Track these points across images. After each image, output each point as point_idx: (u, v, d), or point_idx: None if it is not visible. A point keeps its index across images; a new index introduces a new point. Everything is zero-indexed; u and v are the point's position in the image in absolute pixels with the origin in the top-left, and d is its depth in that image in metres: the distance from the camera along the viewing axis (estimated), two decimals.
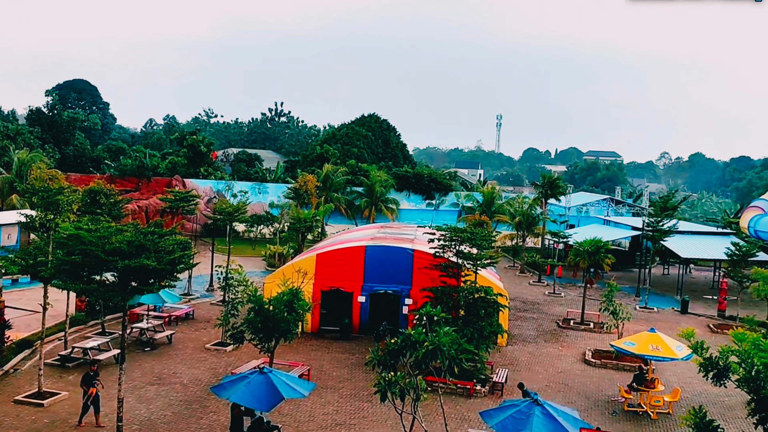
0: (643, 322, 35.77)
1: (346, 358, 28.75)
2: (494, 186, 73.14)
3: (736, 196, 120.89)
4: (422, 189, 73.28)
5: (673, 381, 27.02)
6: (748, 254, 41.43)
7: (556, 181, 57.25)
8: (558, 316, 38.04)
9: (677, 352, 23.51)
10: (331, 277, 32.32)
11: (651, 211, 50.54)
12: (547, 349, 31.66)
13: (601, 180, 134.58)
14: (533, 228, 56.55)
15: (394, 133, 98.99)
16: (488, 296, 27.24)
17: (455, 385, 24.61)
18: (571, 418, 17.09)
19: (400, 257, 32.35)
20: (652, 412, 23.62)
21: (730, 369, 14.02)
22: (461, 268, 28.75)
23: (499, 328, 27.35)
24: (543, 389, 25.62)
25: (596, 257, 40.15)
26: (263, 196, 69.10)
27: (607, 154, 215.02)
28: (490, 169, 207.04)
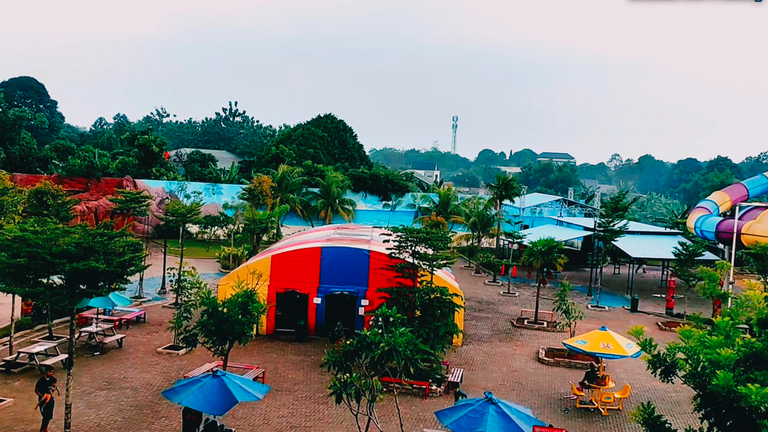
0: (594, 321, 36.47)
1: (302, 360, 28.56)
2: (450, 187, 73.78)
3: (683, 197, 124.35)
4: (379, 190, 73.38)
5: (623, 378, 27.61)
6: (695, 253, 42.61)
7: (511, 182, 57.99)
8: (512, 316, 38.49)
9: (627, 350, 24.02)
10: (287, 279, 32.07)
11: (602, 211, 51.61)
12: (501, 348, 32.00)
13: (555, 181, 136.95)
14: (488, 228, 57.14)
15: (350, 133, 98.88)
16: (444, 296, 27.39)
17: (411, 386, 24.66)
18: (524, 416, 17.30)
19: (357, 258, 32.29)
20: (603, 409, 24.09)
21: (677, 365, 14.32)
22: (417, 268, 28.83)
23: (454, 328, 27.51)
24: (497, 388, 25.90)
25: (549, 257, 40.82)
26: (217, 197, 68.25)
27: (560, 156, 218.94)
28: (447, 170, 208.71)
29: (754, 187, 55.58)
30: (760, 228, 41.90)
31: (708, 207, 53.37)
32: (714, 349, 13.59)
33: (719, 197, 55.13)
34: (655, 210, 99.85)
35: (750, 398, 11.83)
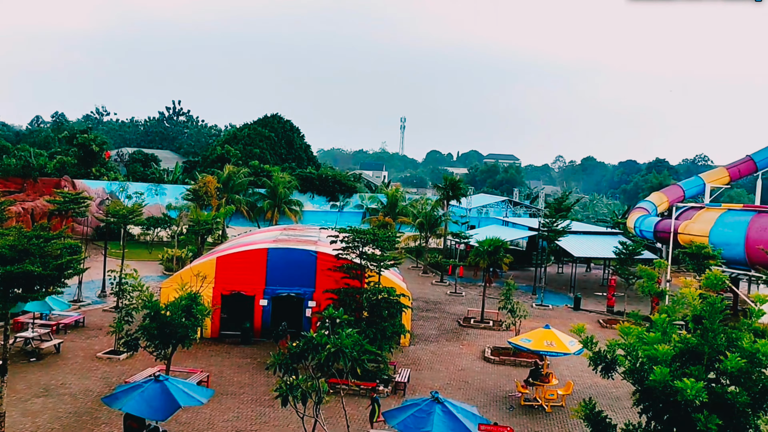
0: (539, 319, 37.13)
1: (248, 362, 28.18)
2: (398, 188, 74.00)
3: (623, 197, 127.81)
4: (326, 191, 73.10)
5: (566, 375, 28.18)
6: (634, 252, 43.83)
7: (458, 183, 58.56)
8: (459, 315, 38.86)
9: (570, 347, 24.52)
10: (232, 281, 31.62)
11: (546, 212, 52.55)
12: (448, 347, 32.25)
13: (501, 182, 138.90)
14: (436, 229, 57.57)
15: (297, 134, 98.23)
16: (391, 297, 27.45)
17: (358, 386, 24.62)
18: (470, 414, 17.47)
19: (304, 259, 32.08)
20: (547, 406, 24.54)
21: (617, 362, 14.68)
22: (365, 269, 28.84)
23: (401, 329, 27.59)
24: (444, 387, 26.09)
25: (495, 257, 41.27)
26: (160, 197, 66.83)
27: (506, 157, 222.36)
28: (395, 170, 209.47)
29: (690, 188, 57.56)
30: (696, 227, 43.40)
31: (647, 207, 55.02)
32: (652, 346, 13.96)
33: (657, 198, 56.91)
34: (597, 210, 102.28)
35: (685, 392, 12.20)
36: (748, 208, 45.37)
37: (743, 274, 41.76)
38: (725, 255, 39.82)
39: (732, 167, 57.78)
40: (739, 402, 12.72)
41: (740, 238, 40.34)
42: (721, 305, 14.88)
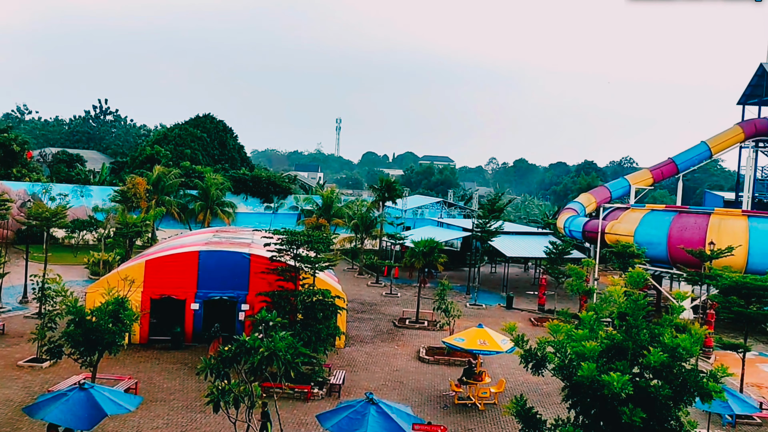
0: (472, 319, 37.61)
1: (178, 368, 27.49)
2: (333, 189, 73.68)
3: (554, 198, 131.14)
4: (260, 192, 72.17)
5: (498, 373, 28.64)
6: (564, 252, 45.03)
7: (393, 184, 58.79)
8: (394, 316, 38.99)
9: (502, 346, 24.94)
10: (162, 285, 30.79)
11: (480, 213, 53.38)
12: (383, 348, 32.31)
13: (436, 183, 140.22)
14: (371, 230, 57.64)
15: (231, 134, 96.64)
16: (326, 299, 27.30)
17: (292, 390, 24.36)
18: (404, 414, 17.51)
19: (236, 262, 31.54)
20: (480, 404, 24.88)
21: (547, 359, 15.00)
22: (299, 271, 28.58)
23: (336, 330, 27.47)
24: (379, 388, 26.11)
25: (430, 258, 41.72)
26: (86, 199, 64.51)
27: (441, 159, 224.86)
28: (330, 172, 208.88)
29: (616, 189, 59.57)
30: (622, 227, 44.88)
31: (576, 208, 56.59)
32: (580, 342, 14.32)
33: (586, 199, 58.63)
34: (528, 211, 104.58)
35: (612, 385, 12.54)
36: (670, 208, 47.22)
37: (666, 271, 43.43)
38: (649, 254, 41.33)
39: (655, 169, 60.10)
40: (661, 395, 13.17)
41: (663, 237, 41.93)
42: (644, 302, 15.40)
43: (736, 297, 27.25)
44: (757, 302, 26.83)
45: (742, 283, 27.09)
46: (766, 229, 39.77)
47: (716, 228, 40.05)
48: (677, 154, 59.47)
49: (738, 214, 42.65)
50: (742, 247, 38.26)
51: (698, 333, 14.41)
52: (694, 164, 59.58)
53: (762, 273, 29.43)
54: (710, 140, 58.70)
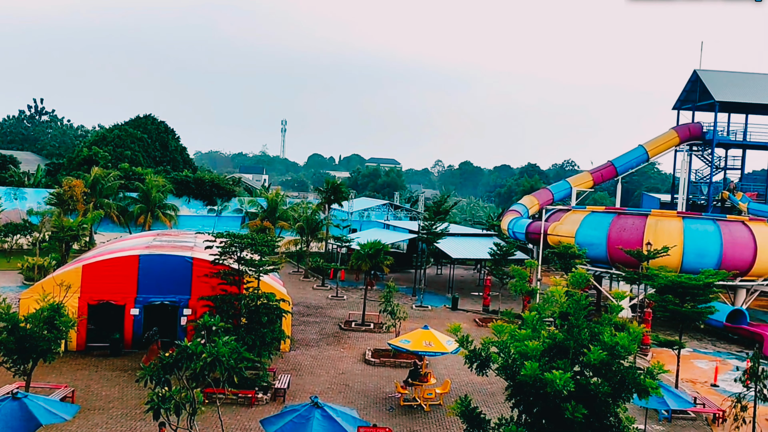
0: (418, 320, 37.77)
1: (117, 375, 26.70)
2: (278, 191, 73.00)
3: (498, 200, 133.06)
4: (203, 194, 70.94)
5: (444, 374, 28.81)
6: (508, 253, 45.68)
7: (340, 186, 58.59)
8: (340, 319, 38.83)
9: (447, 347, 25.09)
10: (100, 290, 29.86)
11: (426, 215, 53.68)
12: (329, 351, 32.12)
13: (382, 186, 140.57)
14: (317, 233, 57.30)
15: (172, 135, 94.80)
16: (271, 302, 26.91)
17: (236, 395, 23.95)
18: (349, 417, 17.42)
19: (178, 266, 30.86)
20: (425, 405, 24.97)
21: (491, 359, 15.16)
22: (243, 275, 28.15)
23: (281, 334, 27.11)
24: (325, 391, 25.93)
25: (376, 260, 41.66)
26: (20, 202, 62.23)
27: (387, 161, 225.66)
28: (276, 174, 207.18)
29: (558, 192, 60.85)
30: (564, 229, 45.83)
31: (519, 210, 57.53)
32: (523, 342, 14.52)
33: (529, 201, 59.68)
34: (474, 213, 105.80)
35: (554, 384, 12.76)
36: (609, 210, 48.48)
37: (606, 272, 44.52)
38: (590, 254, 42.32)
39: (595, 172, 61.66)
40: (601, 392, 13.47)
41: (602, 238, 43.00)
42: (586, 302, 15.73)
43: (671, 296, 28.15)
44: (691, 300, 27.76)
45: (677, 283, 28.00)
46: (699, 229, 41.24)
47: (653, 229, 41.31)
48: (616, 158, 61.14)
49: (673, 215, 44.12)
50: (677, 247, 39.57)
51: (636, 331, 14.80)
52: (632, 167, 61.39)
53: (696, 272, 30.48)
54: (647, 144, 60.57)
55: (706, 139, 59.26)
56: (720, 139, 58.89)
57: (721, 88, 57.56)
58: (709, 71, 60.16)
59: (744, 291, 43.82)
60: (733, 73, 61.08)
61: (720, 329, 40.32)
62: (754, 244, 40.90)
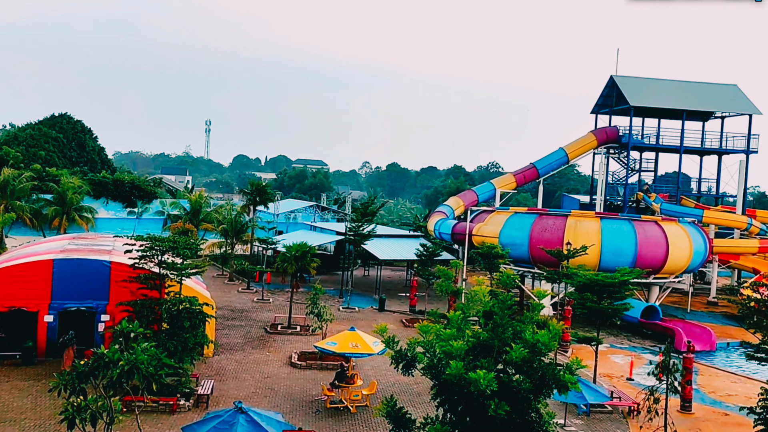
0: (345, 322, 37.66)
1: (30, 385, 25.45)
2: (202, 193, 71.48)
3: (425, 202, 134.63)
4: (123, 196, 68.65)
5: (370, 375, 28.83)
6: (434, 254, 46.20)
7: (265, 188, 57.89)
8: (266, 322, 38.31)
9: (374, 348, 25.13)
10: (10, 296, 28.41)
11: (353, 216, 53.67)
12: (254, 355, 31.63)
13: (309, 187, 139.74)
14: (242, 235, 56.39)
15: (90, 135, 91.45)
16: (193, 307, 26.30)
17: (156, 402, 23.24)
18: (274, 421, 17.20)
19: (95, 270, 29.71)
20: (352, 407, 24.92)
21: (417, 359, 15.25)
22: (164, 278, 27.36)
23: (204, 339, 26.54)
24: (250, 396, 25.50)
25: (303, 262, 41.32)
26: None
27: (314, 163, 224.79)
28: (199, 175, 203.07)
29: (483, 193, 62.03)
30: (488, 229, 46.72)
31: (445, 211, 58.28)
32: (448, 342, 14.66)
33: (454, 202, 60.56)
34: (401, 214, 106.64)
35: (478, 382, 12.94)
36: (531, 211, 49.79)
37: (528, 271, 45.65)
38: (513, 254, 43.32)
39: (518, 173, 63.19)
40: (523, 389, 13.76)
41: (525, 238, 44.08)
42: (510, 301, 16.06)
43: (589, 294, 29.14)
44: (608, 298, 28.82)
45: (594, 281, 29.00)
46: (615, 229, 42.86)
47: (572, 229, 42.66)
48: (538, 160, 62.84)
49: (592, 216, 45.71)
50: (595, 247, 41.00)
51: (556, 329, 15.19)
52: (553, 169, 63.25)
53: (612, 270, 31.65)
54: (567, 146, 62.53)
55: (622, 142, 61.69)
56: (635, 142, 61.42)
57: (635, 93, 60.07)
58: (624, 77, 62.69)
59: (657, 288, 45.83)
60: (648, 79, 63.88)
61: (635, 325, 42.01)
62: (666, 243, 42.83)
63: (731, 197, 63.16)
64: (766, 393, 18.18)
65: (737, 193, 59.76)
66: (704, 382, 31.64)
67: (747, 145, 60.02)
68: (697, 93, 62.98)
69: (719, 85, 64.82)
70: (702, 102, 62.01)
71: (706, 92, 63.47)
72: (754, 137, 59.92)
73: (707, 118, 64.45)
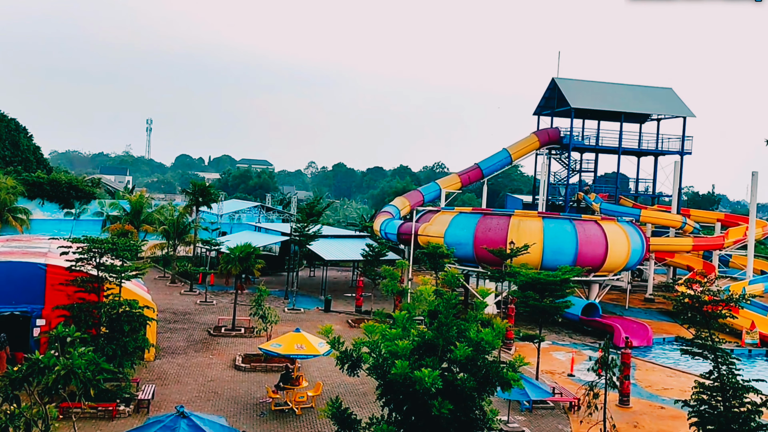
0: (290, 323, 37.33)
1: None
2: (143, 193, 69.79)
3: (371, 202, 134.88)
4: (59, 197, 66.40)
5: (316, 376, 28.68)
6: (380, 254, 46.28)
7: (208, 188, 56.86)
8: (210, 325, 37.68)
9: (319, 349, 25.01)
10: None
11: (299, 217, 53.27)
12: (197, 359, 31.06)
13: (254, 187, 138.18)
14: (184, 236, 55.31)
15: (25, 134, 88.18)
16: (134, 310, 25.62)
17: (95, 409, 22.59)
18: (218, 426, 16.91)
19: (30, 273, 28.61)
20: (297, 409, 24.73)
21: (362, 359, 15.23)
22: (103, 281, 26.59)
23: (145, 343, 25.93)
24: (192, 400, 25.04)
25: (247, 263, 40.79)
26: None
27: (259, 163, 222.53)
28: (140, 175, 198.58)
29: (429, 193, 62.47)
30: (433, 229, 47.07)
31: (391, 211, 58.48)
32: (393, 341, 14.71)
33: (400, 202, 60.81)
34: (347, 214, 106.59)
35: (423, 381, 13.02)
36: (476, 211, 50.39)
37: (473, 270, 46.20)
38: (458, 254, 43.75)
39: (463, 174, 63.89)
40: (467, 387, 13.90)
41: (470, 238, 44.58)
42: (455, 300, 16.21)
43: (532, 292, 29.69)
44: (550, 296, 29.42)
45: (536, 279, 29.59)
46: (556, 228, 43.78)
47: (516, 228, 43.37)
48: (482, 160, 63.66)
49: (534, 215, 46.56)
50: (537, 246, 41.78)
51: (500, 327, 15.41)
52: (497, 169, 64.16)
53: (554, 269, 32.33)
54: (511, 147, 63.55)
55: (564, 143, 63.04)
56: (576, 143, 62.85)
57: (576, 95, 61.47)
58: (566, 79, 64.08)
59: (597, 286, 47.03)
60: (588, 82, 65.45)
61: (576, 322, 43.00)
62: (606, 242, 43.98)
63: (667, 197, 65.25)
64: (700, 386, 18.84)
65: (672, 193, 61.79)
66: (641, 376, 32.62)
67: (681, 147, 62.11)
68: (634, 96, 64.85)
69: (655, 89, 66.92)
70: (639, 105, 63.88)
71: (643, 95, 65.43)
72: (687, 139, 62.05)
73: (644, 120, 66.45)
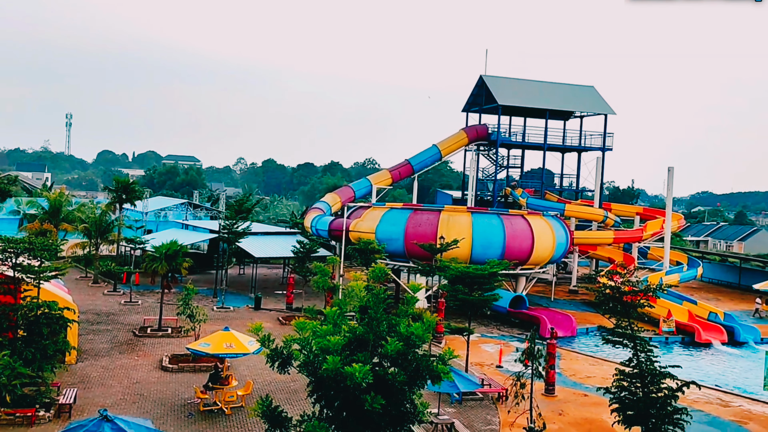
0: (220, 322, 36.69)
1: None
2: (63, 191, 67.09)
3: (302, 198, 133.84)
4: None
5: (246, 375, 28.27)
6: (311, 251, 46.00)
7: (132, 185, 55.15)
8: (135, 325, 36.59)
9: (249, 347, 24.66)
10: None
11: (227, 214, 52.35)
12: (122, 360, 30.12)
13: (181, 184, 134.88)
14: (107, 235, 53.48)
15: None
16: (53, 312, 24.60)
17: (12, 415, 21.55)
18: (143, 428, 16.47)
19: None
20: (227, 408, 24.32)
21: (293, 356, 15.09)
22: (19, 283, 25.40)
23: (65, 345, 24.92)
24: (117, 404, 24.27)
25: (174, 262, 39.78)
26: None
27: (186, 159, 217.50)
28: (60, 172, 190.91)
29: (360, 189, 62.49)
30: (364, 225, 47.14)
31: (322, 207, 58.20)
32: (324, 337, 14.63)
33: (331, 198, 60.59)
34: (277, 211, 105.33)
35: (354, 376, 13.02)
36: (406, 206, 50.77)
37: (404, 265, 46.54)
38: (389, 249, 43.97)
39: (394, 170, 64.18)
40: (398, 381, 13.98)
41: (400, 233, 44.89)
42: (385, 295, 16.25)
43: (461, 285, 30.14)
44: (479, 289, 29.94)
45: (465, 273, 30.04)
46: (485, 223, 44.60)
47: (446, 224, 43.94)
48: (413, 156, 64.10)
49: (463, 210, 47.29)
50: (466, 240, 42.46)
51: (430, 321, 15.55)
52: (427, 165, 64.71)
53: (483, 262, 32.91)
54: (440, 143, 64.24)
55: (491, 139, 64.19)
56: (503, 140, 64.08)
57: (503, 93, 62.68)
58: (493, 77, 65.26)
59: (524, 278, 48.19)
60: (515, 80, 66.85)
61: (504, 314, 43.95)
62: (532, 236, 45.10)
63: (590, 192, 67.39)
64: (621, 373, 19.57)
65: (595, 187, 63.90)
66: (566, 365, 33.63)
67: (603, 143, 64.27)
68: (558, 93, 66.66)
69: (578, 87, 68.99)
70: (563, 102, 65.73)
71: (567, 93, 67.35)
72: (609, 136, 64.24)
73: (568, 117, 68.43)
